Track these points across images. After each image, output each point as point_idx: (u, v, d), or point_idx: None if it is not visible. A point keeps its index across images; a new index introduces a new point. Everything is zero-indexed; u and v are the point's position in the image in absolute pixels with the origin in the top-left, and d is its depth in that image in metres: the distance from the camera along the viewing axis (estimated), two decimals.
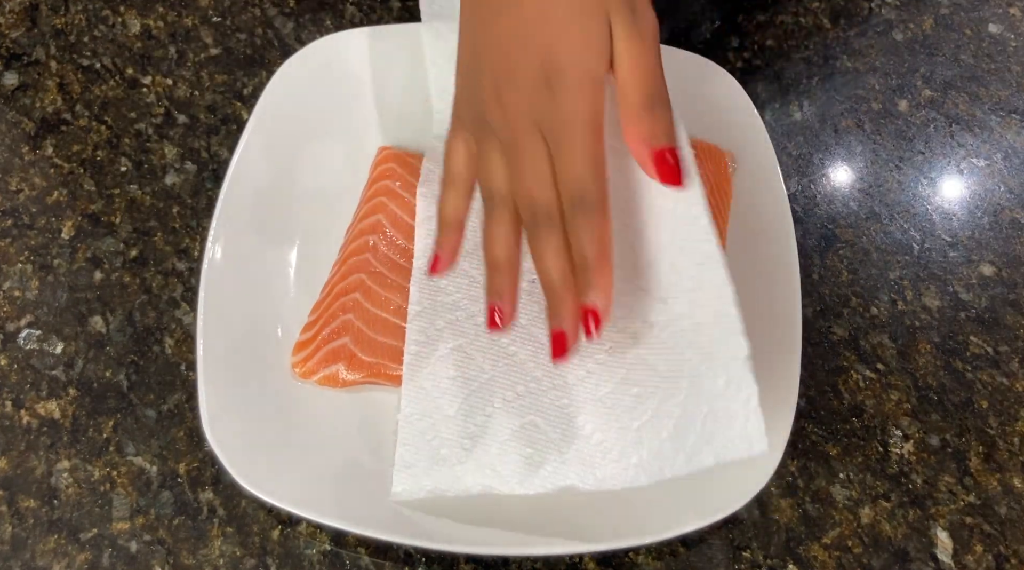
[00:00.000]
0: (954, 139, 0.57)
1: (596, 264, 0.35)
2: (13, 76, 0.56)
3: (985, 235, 0.54)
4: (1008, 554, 0.45)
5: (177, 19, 0.58)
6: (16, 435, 0.46)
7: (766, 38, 0.60)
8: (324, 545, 0.44)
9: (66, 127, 0.54)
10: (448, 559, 0.44)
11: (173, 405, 0.47)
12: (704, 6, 0.61)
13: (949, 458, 0.47)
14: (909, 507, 0.46)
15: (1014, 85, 0.59)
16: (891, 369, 0.49)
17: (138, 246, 0.51)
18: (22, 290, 0.49)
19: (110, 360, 0.48)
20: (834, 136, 0.57)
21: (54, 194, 0.52)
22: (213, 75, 0.56)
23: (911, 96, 0.58)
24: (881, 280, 0.52)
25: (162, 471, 0.45)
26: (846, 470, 0.47)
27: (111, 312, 0.49)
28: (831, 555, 0.45)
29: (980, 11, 0.61)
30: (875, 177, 0.55)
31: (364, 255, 0.48)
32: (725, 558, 0.44)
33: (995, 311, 0.51)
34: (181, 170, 0.53)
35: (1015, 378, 0.49)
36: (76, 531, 0.44)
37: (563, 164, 0.35)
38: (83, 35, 0.58)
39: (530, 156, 0.36)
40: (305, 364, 0.45)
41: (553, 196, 0.36)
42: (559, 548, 0.41)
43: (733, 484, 0.42)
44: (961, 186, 0.55)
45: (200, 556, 0.43)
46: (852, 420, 0.48)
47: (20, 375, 0.47)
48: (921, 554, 0.45)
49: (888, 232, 0.53)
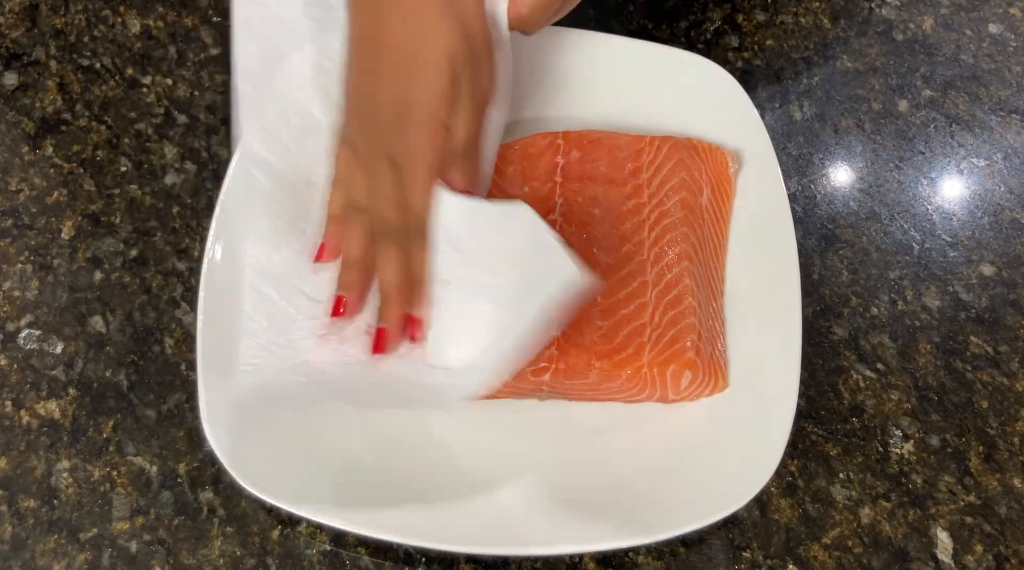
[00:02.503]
0: (954, 139, 0.57)
1: (420, 283, 0.43)
2: (13, 76, 0.56)
3: (985, 235, 0.54)
4: (1008, 554, 0.45)
5: (177, 19, 0.58)
6: (16, 435, 0.46)
7: (766, 38, 0.60)
8: (324, 545, 0.44)
9: (66, 127, 0.54)
10: (448, 559, 0.44)
11: (173, 405, 0.47)
12: (704, 6, 0.61)
13: (949, 458, 0.47)
14: (909, 507, 0.46)
15: (1014, 85, 0.59)
16: (891, 369, 0.49)
17: (138, 246, 0.51)
18: (22, 290, 0.49)
19: (110, 360, 0.48)
20: (834, 136, 0.57)
21: (54, 194, 0.52)
22: (213, 75, 0.56)
23: (911, 96, 0.58)
24: (881, 280, 0.52)
25: (162, 471, 0.45)
26: (846, 470, 0.47)
27: (111, 312, 0.49)
28: (831, 555, 0.45)
29: (980, 11, 0.61)
30: (875, 177, 0.55)
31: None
32: (725, 558, 0.44)
33: (995, 311, 0.51)
34: (181, 170, 0.53)
35: (1015, 378, 0.49)
36: (76, 531, 0.44)
37: (404, 193, 0.42)
38: (83, 35, 0.57)
39: (381, 180, 0.42)
40: None
41: (398, 217, 0.42)
42: (559, 548, 0.41)
43: (733, 484, 0.42)
44: (961, 186, 0.55)
45: (200, 556, 0.43)
46: (852, 420, 0.48)
47: (20, 375, 0.47)
48: (921, 554, 0.45)
49: (888, 232, 0.53)
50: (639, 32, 0.59)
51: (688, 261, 0.46)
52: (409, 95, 0.41)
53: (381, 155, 0.42)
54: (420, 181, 0.41)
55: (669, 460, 0.44)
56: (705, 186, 0.49)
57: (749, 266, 0.49)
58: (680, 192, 0.48)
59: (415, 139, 0.41)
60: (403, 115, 0.41)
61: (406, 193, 0.42)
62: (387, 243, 0.43)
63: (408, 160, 0.42)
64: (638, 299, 0.45)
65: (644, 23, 0.60)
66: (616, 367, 0.43)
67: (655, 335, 0.44)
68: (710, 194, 0.49)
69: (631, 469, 0.44)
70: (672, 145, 0.50)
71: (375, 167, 0.43)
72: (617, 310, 0.45)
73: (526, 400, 0.46)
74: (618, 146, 0.49)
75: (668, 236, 0.47)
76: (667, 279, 0.46)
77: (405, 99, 0.41)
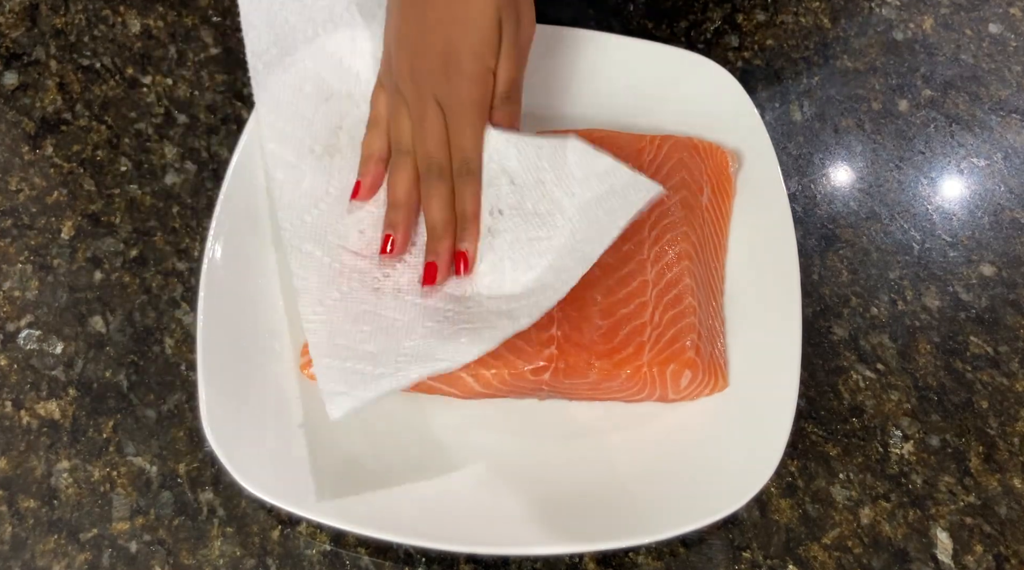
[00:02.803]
0: (954, 139, 0.57)
1: (472, 219, 0.45)
2: (13, 76, 0.56)
3: (985, 235, 0.54)
4: (1008, 554, 0.45)
5: (177, 19, 0.58)
6: (16, 435, 0.46)
7: (766, 38, 0.60)
8: (324, 545, 0.44)
9: (66, 127, 0.54)
10: (448, 559, 0.44)
11: (173, 405, 0.47)
12: (704, 6, 0.61)
13: (949, 458, 0.47)
14: (909, 507, 0.46)
15: (1014, 85, 0.59)
16: (891, 369, 0.49)
17: (138, 246, 0.51)
18: (22, 290, 0.49)
19: (110, 360, 0.48)
20: (834, 136, 0.57)
21: (54, 194, 0.52)
22: (213, 75, 0.56)
23: (911, 96, 0.58)
24: (881, 280, 0.52)
25: (162, 471, 0.45)
26: (846, 470, 0.47)
27: (111, 312, 0.49)
28: (831, 555, 0.45)
29: (980, 11, 0.61)
30: (875, 177, 0.55)
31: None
32: (725, 558, 0.44)
33: (995, 311, 0.51)
34: (181, 170, 0.53)
35: (1015, 378, 0.49)
36: (76, 531, 0.44)
37: (454, 136, 0.45)
38: (83, 35, 0.58)
39: (430, 123, 0.45)
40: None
41: (446, 157, 0.45)
42: (559, 548, 0.41)
43: (733, 484, 0.42)
44: (961, 186, 0.55)
45: (200, 556, 0.43)
46: (852, 420, 0.48)
47: (20, 375, 0.47)
48: (921, 554, 0.45)
49: (888, 232, 0.53)
50: (639, 32, 0.59)
51: (688, 260, 0.46)
52: (456, 42, 0.43)
53: (429, 100, 0.45)
54: (470, 122, 0.44)
55: (669, 460, 0.44)
56: (705, 185, 0.49)
57: (749, 266, 0.49)
58: (680, 191, 0.48)
59: (464, 84, 0.44)
60: (451, 62, 0.44)
61: (456, 134, 0.45)
62: (434, 181, 0.45)
63: (458, 103, 0.44)
64: (638, 298, 0.45)
65: (644, 23, 0.60)
66: (616, 366, 0.43)
67: (655, 334, 0.44)
68: (710, 194, 0.49)
69: (631, 469, 0.44)
70: (672, 144, 0.50)
71: (423, 111, 0.45)
72: (617, 309, 0.45)
73: (526, 400, 0.46)
74: (618, 145, 0.49)
75: (668, 235, 0.47)
76: (667, 278, 0.46)
77: (452, 46, 0.44)
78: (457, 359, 0.41)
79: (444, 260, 0.45)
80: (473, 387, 0.44)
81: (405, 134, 0.46)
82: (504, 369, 0.43)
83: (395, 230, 0.46)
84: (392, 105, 0.47)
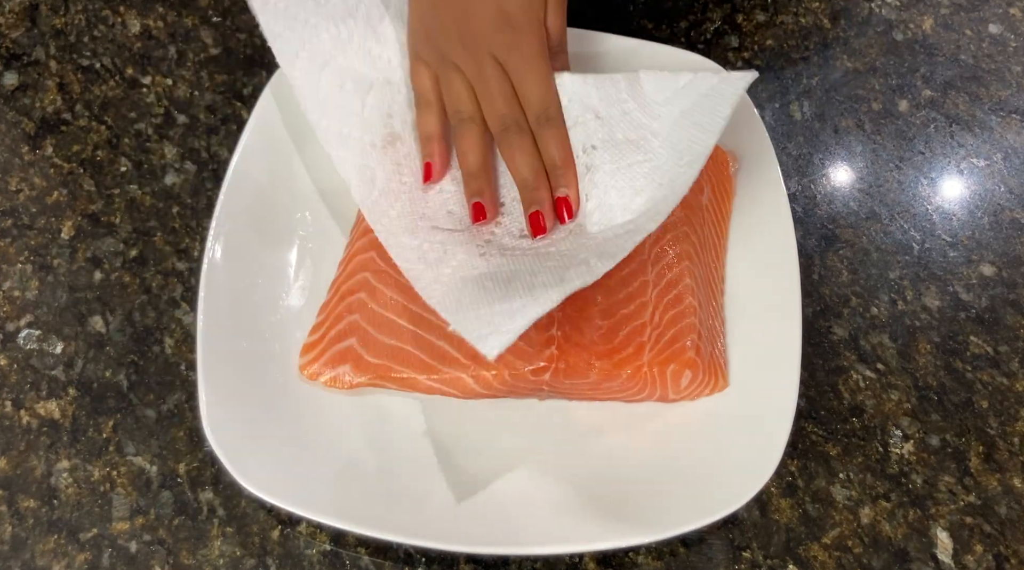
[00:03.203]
0: (954, 139, 0.57)
1: (564, 164, 0.45)
2: (13, 76, 0.56)
3: (985, 235, 0.54)
4: (1008, 554, 0.45)
5: (177, 19, 0.58)
6: (16, 435, 0.46)
7: (766, 38, 0.60)
8: (324, 545, 0.44)
9: (66, 127, 0.54)
10: (448, 559, 0.44)
11: (173, 405, 0.47)
12: (704, 6, 0.61)
13: (949, 458, 0.47)
14: (909, 507, 0.46)
15: (1014, 85, 0.59)
16: (891, 369, 0.49)
17: (138, 246, 0.51)
18: (22, 290, 0.49)
19: (110, 360, 0.48)
20: (834, 136, 0.57)
21: (54, 194, 0.52)
22: (213, 75, 0.56)
23: (911, 96, 0.58)
24: (881, 280, 0.52)
25: (162, 471, 0.45)
26: (846, 470, 0.47)
27: (111, 312, 0.49)
28: (831, 555, 0.45)
29: (980, 11, 0.61)
30: (875, 177, 0.55)
31: (369, 253, 0.47)
32: (725, 558, 0.44)
33: (995, 311, 0.51)
34: (181, 170, 0.53)
35: (1015, 378, 0.49)
36: (76, 531, 0.44)
37: (526, 88, 0.45)
38: (83, 35, 0.58)
39: (494, 81, 0.45)
40: (312, 366, 0.45)
41: (519, 110, 0.45)
42: (559, 548, 0.41)
43: (733, 484, 0.42)
44: (961, 186, 0.55)
45: (200, 556, 0.43)
46: (852, 420, 0.48)
47: (20, 375, 0.47)
48: (921, 554, 0.45)
49: (888, 232, 0.53)
50: (639, 32, 0.59)
51: (688, 260, 0.46)
52: (506, 2, 0.45)
53: (487, 59, 0.45)
54: (540, 71, 0.45)
55: (669, 460, 0.44)
56: (705, 186, 0.49)
57: (749, 266, 0.49)
58: None
59: (524, 38, 0.45)
60: (505, 18, 0.45)
61: (526, 85, 0.45)
62: (513, 137, 0.45)
63: (520, 57, 0.45)
64: (638, 298, 0.45)
65: (644, 23, 0.60)
66: (616, 366, 0.43)
67: (655, 334, 0.44)
68: (710, 194, 0.49)
69: (631, 469, 0.44)
70: None
71: (482, 71, 0.45)
72: (617, 309, 0.45)
73: (526, 400, 0.46)
74: None
75: (668, 235, 0.47)
76: (667, 278, 0.46)
77: (503, 4, 0.45)
78: (588, 277, 0.40)
79: (547, 207, 0.45)
80: (473, 387, 0.44)
81: (463, 100, 0.46)
82: (504, 370, 0.43)
83: (481, 196, 0.46)
84: (442, 75, 0.47)
